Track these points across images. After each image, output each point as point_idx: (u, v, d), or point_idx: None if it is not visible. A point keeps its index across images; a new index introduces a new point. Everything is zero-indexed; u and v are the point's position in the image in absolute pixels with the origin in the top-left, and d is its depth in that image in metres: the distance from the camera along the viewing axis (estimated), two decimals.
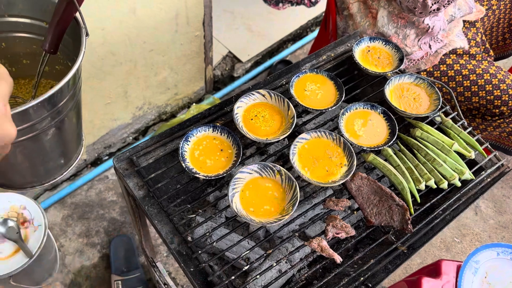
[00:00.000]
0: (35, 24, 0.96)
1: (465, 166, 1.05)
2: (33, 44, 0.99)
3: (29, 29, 0.96)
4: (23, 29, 0.96)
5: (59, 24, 0.82)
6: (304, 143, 1.03)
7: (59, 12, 0.81)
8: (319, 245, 0.93)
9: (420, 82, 1.17)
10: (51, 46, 0.85)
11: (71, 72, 0.74)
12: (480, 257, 1.33)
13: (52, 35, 0.84)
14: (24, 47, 1.00)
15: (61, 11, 0.81)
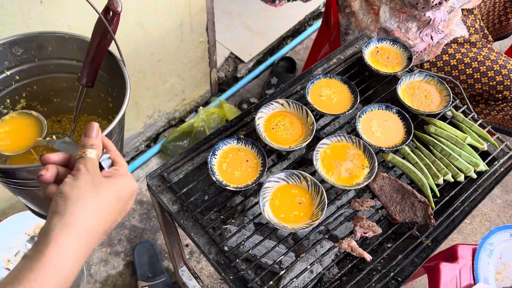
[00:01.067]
0: (64, 64, 0.99)
1: (479, 158, 1.11)
2: (63, 82, 1.03)
3: (58, 69, 1.00)
4: (53, 70, 1.00)
5: (94, 59, 0.86)
6: (326, 148, 1.08)
7: (93, 47, 0.85)
8: (349, 245, 0.99)
9: (430, 79, 1.22)
10: (88, 81, 0.89)
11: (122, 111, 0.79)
12: (494, 239, 1.39)
13: (88, 70, 0.88)
14: (54, 86, 1.04)
15: (95, 46, 0.84)
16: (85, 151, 0.61)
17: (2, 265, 1.57)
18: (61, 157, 0.63)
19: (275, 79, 2.34)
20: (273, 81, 2.34)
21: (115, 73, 0.97)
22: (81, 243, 0.54)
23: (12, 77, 0.97)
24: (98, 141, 0.63)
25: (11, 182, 0.84)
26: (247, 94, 2.39)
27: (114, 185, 0.59)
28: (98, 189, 0.57)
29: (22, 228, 1.65)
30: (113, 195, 0.59)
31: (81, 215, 0.55)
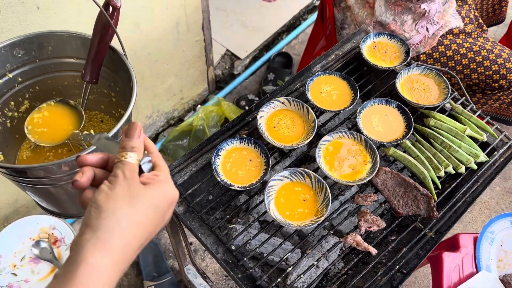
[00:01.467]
0: (65, 62, 1.00)
1: (479, 149, 1.12)
2: (64, 81, 1.03)
3: (59, 68, 1.00)
4: (54, 69, 1.00)
5: (97, 55, 0.87)
6: (328, 145, 1.09)
7: (95, 43, 0.85)
8: (354, 240, 1.00)
9: (428, 73, 1.23)
10: (92, 77, 0.89)
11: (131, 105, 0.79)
12: (494, 228, 1.41)
13: (91, 66, 0.88)
14: (56, 85, 1.04)
15: (97, 42, 0.85)
16: (124, 154, 0.56)
17: (9, 270, 1.58)
18: (98, 158, 0.60)
19: (272, 75, 2.35)
20: (270, 77, 2.35)
21: (118, 68, 0.97)
22: (114, 262, 0.50)
23: (15, 79, 0.97)
24: (140, 143, 0.58)
25: (23, 181, 0.84)
26: (244, 91, 2.39)
27: (153, 195, 0.55)
28: (135, 200, 0.53)
29: (27, 233, 1.65)
30: (151, 206, 0.55)
31: (116, 232, 0.51)
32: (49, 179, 0.82)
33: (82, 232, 0.51)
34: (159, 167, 0.59)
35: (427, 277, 1.91)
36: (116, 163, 0.56)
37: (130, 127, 0.58)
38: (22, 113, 1.03)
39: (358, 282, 0.98)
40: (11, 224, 1.65)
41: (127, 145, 0.57)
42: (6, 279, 1.55)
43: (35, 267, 1.59)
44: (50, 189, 0.88)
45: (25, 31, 1.25)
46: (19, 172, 0.80)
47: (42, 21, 1.27)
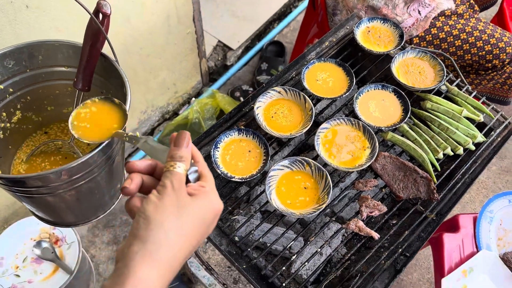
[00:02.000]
0: (56, 71, 0.98)
1: (476, 130, 1.13)
2: (55, 89, 1.02)
3: (50, 77, 0.99)
4: (45, 78, 0.99)
5: (88, 62, 0.86)
6: (326, 132, 1.09)
7: (86, 50, 0.84)
8: (357, 226, 1.01)
9: (422, 56, 1.23)
10: (85, 85, 0.88)
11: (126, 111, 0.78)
12: (493, 207, 1.42)
13: (83, 74, 0.87)
14: (47, 95, 1.02)
15: (88, 49, 0.84)
16: (173, 164, 0.57)
17: (12, 272, 1.58)
18: (146, 164, 0.61)
19: (265, 65, 2.34)
20: (263, 66, 2.34)
21: (109, 75, 0.96)
22: (161, 276, 0.51)
23: (6, 90, 0.96)
24: (188, 153, 0.58)
25: (19, 191, 0.84)
26: (238, 81, 2.38)
27: (199, 206, 0.56)
28: (182, 211, 0.54)
29: (28, 233, 1.65)
30: (197, 217, 0.55)
31: (163, 244, 0.52)
32: (47, 188, 0.81)
33: (130, 243, 0.52)
34: (205, 177, 0.60)
35: (428, 258, 1.93)
36: (164, 173, 0.57)
37: (179, 136, 0.59)
38: (15, 124, 1.02)
39: (361, 267, 0.99)
40: (11, 226, 1.64)
41: (176, 155, 0.58)
42: (9, 281, 1.55)
43: (38, 267, 1.59)
44: (47, 198, 0.87)
45: (14, 30, 1.23)
46: (17, 182, 0.79)
47: (32, 20, 1.25)
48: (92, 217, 0.99)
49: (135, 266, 0.49)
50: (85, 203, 0.91)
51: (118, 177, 0.95)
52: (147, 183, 0.60)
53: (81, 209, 0.94)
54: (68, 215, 0.99)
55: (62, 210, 0.95)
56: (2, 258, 1.59)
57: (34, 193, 0.82)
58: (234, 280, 1.87)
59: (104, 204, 0.99)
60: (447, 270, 1.31)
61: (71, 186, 0.82)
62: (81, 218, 0.99)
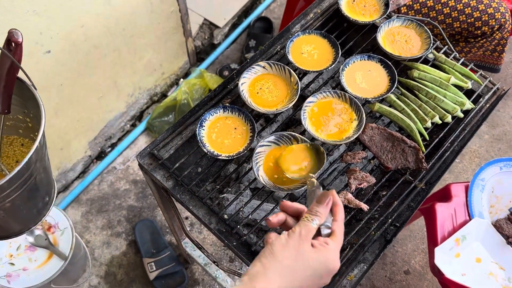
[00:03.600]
0: None
1: (464, 97, 1.11)
2: None
3: None
4: None
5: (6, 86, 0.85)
6: (313, 106, 1.07)
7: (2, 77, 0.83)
8: (346, 198, 1.00)
9: (409, 24, 1.20)
10: (4, 107, 0.88)
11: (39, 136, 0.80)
12: (485, 175, 1.42)
13: (1, 98, 0.86)
14: None
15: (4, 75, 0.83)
16: (309, 217, 0.68)
17: (6, 260, 1.58)
18: (295, 208, 0.73)
19: (253, 42, 2.30)
20: (251, 43, 2.30)
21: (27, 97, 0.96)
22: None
23: None
24: (325, 211, 0.69)
25: None
26: (226, 60, 2.35)
27: (315, 259, 0.65)
28: (299, 257, 0.64)
29: None
30: (310, 267, 0.65)
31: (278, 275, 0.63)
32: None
33: (254, 264, 0.65)
34: (334, 236, 0.69)
35: (421, 229, 1.95)
36: (300, 221, 0.68)
37: (323, 195, 0.71)
38: None
39: (352, 238, 0.99)
40: None
41: (313, 209, 0.69)
42: (4, 269, 1.55)
43: (32, 254, 1.59)
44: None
45: None
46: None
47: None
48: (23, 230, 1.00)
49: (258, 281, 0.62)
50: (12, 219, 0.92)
51: (44, 191, 0.95)
52: (289, 223, 0.73)
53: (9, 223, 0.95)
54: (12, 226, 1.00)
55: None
56: None
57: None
58: (230, 259, 1.88)
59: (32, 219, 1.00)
60: (440, 239, 1.31)
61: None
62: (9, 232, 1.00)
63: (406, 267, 1.88)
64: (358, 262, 0.96)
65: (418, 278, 1.86)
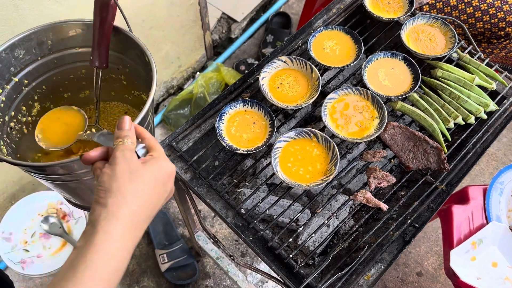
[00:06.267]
0: (67, 54, 0.96)
1: (488, 98, 1.09)
2: (69, 74, 1.00)
3: (61, 62, 0.97)
4: (57, 64, 0.97)
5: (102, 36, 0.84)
6: (333, 103, 1.06)
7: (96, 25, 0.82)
8: (365, 197, 0.99)
9: (433, 22, 1.18)
10: (102, 61, 0.87)
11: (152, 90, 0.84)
12: (503, 178, 1.40)
13: (98, 50, 0.85)
14: (62, 81, 1.01)
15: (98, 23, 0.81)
16: (120, 141, 0.63)
17: (21, 247, 1.60)
18: (100, 152, 0.66)
19: (270, 37, 2.29)
20: (268, 38, 2.29)
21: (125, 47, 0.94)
22: (126, 229, 0.57)
23: (21, 82, 0.95)
24: (131, 132, 0.65)
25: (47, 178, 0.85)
26: (243, 55, 2.34)
27: (150, 169, 0.61)
28: (134, 175, 0.59)
29: (35, 209, 1.66)
30: (150, 179, 0.61)
31: (122, 205, 0.57)
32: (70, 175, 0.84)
33: (93, 209, 0.58)
34: (153, 149, 0.66)
35: (436, 231, 1.92)
36: (114, 149, 0.63)
37: (120, 122, 0.65)
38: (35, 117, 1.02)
39: (369, 238, 0.98)
40: (18, 202, 1.65)
41: (121, 135, 0.64)
42: (19, 256, 1.57)
43: (46, 242, 1.61)
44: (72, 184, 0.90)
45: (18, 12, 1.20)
46: (39, 169, 0.82)
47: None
48: None
49: (101, 224, 0.56)
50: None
51: None
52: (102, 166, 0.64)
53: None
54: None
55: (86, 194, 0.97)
56: (11, 233, 1.60)
57: (60, 180, 0.84)
58: (241, 253, 1.88)
59: None
60: (456, 242, 1.30)
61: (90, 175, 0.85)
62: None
63: (418, 269, 1.86)
64: (376, 262, 0.95)
65: (431, 280, 1.84)
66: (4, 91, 0.92)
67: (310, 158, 1.00)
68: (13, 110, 0.95)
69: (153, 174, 0.61)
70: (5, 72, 0.90)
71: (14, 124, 0.96)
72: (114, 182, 0.58)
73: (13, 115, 0.96)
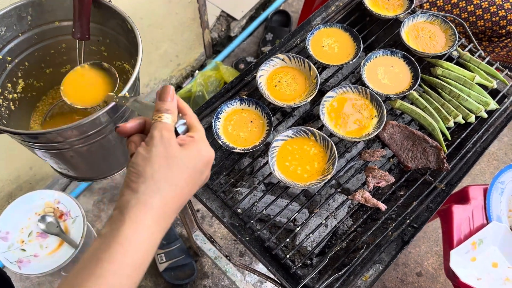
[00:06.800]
0: (46, 29, 0.96)
1: (489, 97, 1.08)
2: (50, 49, 0.99)
3: (42, 37, 0.97)
4: (37, 40, 0.97)
5: (83, 7, 0.83)
6: (332, 101, 1.05)
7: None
8: (363, 197, 0.98)
9: (433, 20, 1.17)
10: (84, 33, 0.86)
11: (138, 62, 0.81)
12: (504, 178, 1.39)
13: (79, 21, 0.85)
14: (43, 56, 1.00)
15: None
16: (160, 115, 0.57)
17: (18, 246, 1.58)
18: (136, 123, 0.60)
19: (270, 35, 2.27)
20: (268, 37, 2.27)
21: (104, 18, 0.93)
22: (155, 221, 0.53)
23: (4, 60, 0.95)
24: (174, 106, 0.59)
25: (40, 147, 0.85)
26: (242, 53, 2.33)
27: (188, 156, 0.56)
28: (172, 162, 0.54)
29: (32, 208, 1.64)
30: (187, 167, 0.55)
31: (155, 194, 0.53)
32: (64, 143, 0.82)
33: (123, 194, 0.53)
34: (194, 128, 0.60)
35: (436, 231, 1.91)
36: (152, 124, 0.57)
37: (163, 91, 0.59)
38: (20, 93, 1.01)
39: (368, 238, 0.97)
40: (15, 200, 1.64)
41: (162, 108, 0.58)
42: (15, 255, 1.56)
43: (43, 241, 1.59)
44: (67, 154, 0.89)
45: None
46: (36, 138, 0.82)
47: None
48: (108, 174, 1.01)
49: (130, 212, 0.51)
50: (100, 159, 0.93)
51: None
52: (138, 142, 0.59)
53: (97, 164, 0.96)
54: (87, 170, 1.01)
55: (80, 165, 0.97)
56: (7, 232, 1.59)
57: (55, 148, 0.84)
58: (240, 253, 1.87)
59: (118, 163, 0.99)
60: (456, 242, 1.28)
61: (85, 143, 0.84)
62: (98, 173, 1.03)
63: (418, 269, 1.85)
64: (374, 263, 0.94)
65: (431, 280, 1.83)
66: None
67: (307, 157, 0.99)
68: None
69: (191, 161, 0.56)
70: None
71: (2, 101, 0.96)
72: (148, 166, 0.53)
73: (0, 92, 0.95)
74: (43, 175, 1.80)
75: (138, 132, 0.60)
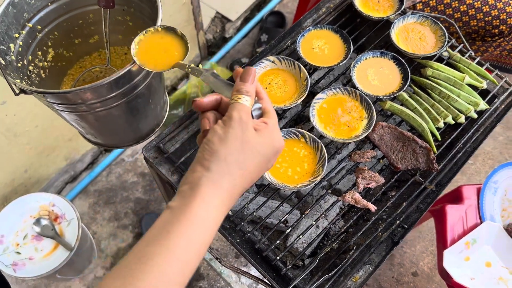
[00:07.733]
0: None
1: (478, 97, 1.08)
2: (78, 19, 1.03)
3: (70, 7, 1.01)
4: (66, 10, 1.00)
5: None
6: (322, 103, 1.05)
7: None
8: (353, 198, 0.98)
9: (423, 21, 1.17)
10: (109, 1, 0.86)
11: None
12: (498, 177, 1.39)
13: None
14: (71, 27, 1.04)
15: None
16: (240, 96, 0.57)
17: (13, 249, 1.59)
18: (212, 99, 0.61)
19: (265, 36, 2.28)
20: (263, 38, 2.28)
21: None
22: (222, 202, 0.54)
23: (35, 28, 0.97)
24: (253, 89, 0.59)
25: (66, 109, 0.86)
26: (237, 54, 2.33)
27: (261, 143, 0.56)
28: (246, 147, 0.55)
29: (27, 211, 1.65)
30: (259, 153, 0.56)
31: (225, 175, 0.53)
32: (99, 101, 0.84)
33: (194, 169, 0.54)
34: (269, 114, 0.60)
35: (431, 231, 1.91)
36: (231, 104, 0.57)
37: (245, 72, 0.59)
38: (50, 62, 1.04)
39: (358, 239, 0.97)
40: (10, 203, 1.64)
41: (242, 89, 0.58)
42: (10, 258, 1.56)
43: (38, 244, 1.60)
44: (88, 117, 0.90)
45: None
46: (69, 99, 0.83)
47: None
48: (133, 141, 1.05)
49: (201, 189, 0.52)
50: (137, 118, 0.96)
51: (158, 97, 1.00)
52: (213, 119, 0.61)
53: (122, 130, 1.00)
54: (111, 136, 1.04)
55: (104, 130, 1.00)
56: (2, 235, 1.59)
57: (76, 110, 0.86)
58: (236, 255, 1.87)
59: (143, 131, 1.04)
60: (450, 242, 1.29)
61: (120, 100, 0.86)
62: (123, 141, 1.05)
63: (414, 269, 1.85)
64: (364, 264, 0.94)
65: (426, 280, 1.83)
66: (20, 36, 0.93)
67: (298, 159, 0.99)
68: (30, 54, 0.97)
69: (263, 149, 0.57)
70: (19, 18, 0.92)
71: (33, 68, 0.98)
72: (223, 147, 0.54)
73: (31, 59, 0.97)
74: (38, 178, 1.80)
75: (213, 109, 0.61)
